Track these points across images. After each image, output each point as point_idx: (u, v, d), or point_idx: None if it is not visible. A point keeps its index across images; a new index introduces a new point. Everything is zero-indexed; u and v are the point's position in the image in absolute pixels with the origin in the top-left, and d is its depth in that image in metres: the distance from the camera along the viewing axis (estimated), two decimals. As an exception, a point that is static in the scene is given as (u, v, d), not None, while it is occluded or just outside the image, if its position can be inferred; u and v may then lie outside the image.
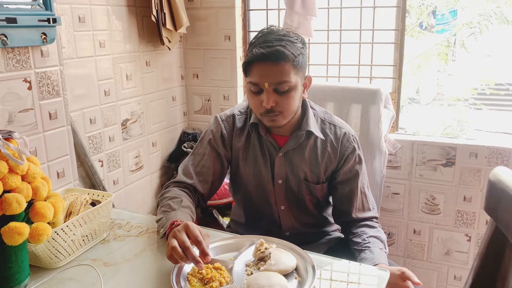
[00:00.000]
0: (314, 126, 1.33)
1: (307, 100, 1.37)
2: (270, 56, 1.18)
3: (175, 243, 0.98)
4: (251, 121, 1.35)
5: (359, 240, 1.30)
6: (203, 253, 0.98)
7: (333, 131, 1.36)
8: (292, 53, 1.19)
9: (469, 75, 4.73)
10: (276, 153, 1.34)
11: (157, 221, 1.21)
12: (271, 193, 1.38)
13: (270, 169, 1.36)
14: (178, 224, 1.06)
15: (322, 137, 1.34)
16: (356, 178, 1.36)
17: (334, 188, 1.39)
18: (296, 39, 1.24)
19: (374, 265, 1.17)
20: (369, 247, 1.26)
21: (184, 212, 1.18)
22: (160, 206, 1.25)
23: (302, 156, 1.34)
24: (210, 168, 1.36)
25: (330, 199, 1.47)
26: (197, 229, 1.02)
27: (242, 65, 1.28)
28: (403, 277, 1.14)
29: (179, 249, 0.97)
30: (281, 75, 1.19)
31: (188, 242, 0.98)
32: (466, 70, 4.81)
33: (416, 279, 1.13)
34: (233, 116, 1.40)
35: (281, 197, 1.38)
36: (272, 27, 1.26)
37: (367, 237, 1.29)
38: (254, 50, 1.21)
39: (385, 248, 1.29)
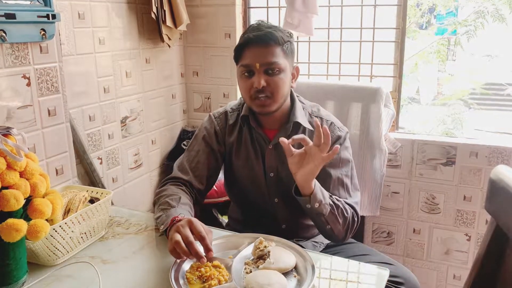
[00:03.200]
0: (302, 118, 1.36)
1: (295, 94, 1.41)
2: (262, 38, 1.26)
3: (178, 237, 0.99)
4: (242, 114, 1.39)
5: None
6: (206, 249, 0.99)
7: (320, 123, 1.37)
8: (282, 37, 1.27)
9: (466, 75, 4.72)
10: (266, 146, 1.37)
11: (156, 219, 1.21)
12: (264, 186, 1.39)
13: (261, 162, 1.38)
14: (179, 220, 1.06)
15: (310, 128, 1.37)
16: (333, 162, 1.33)
17: None
18: (284, 30, 1.32)
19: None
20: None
21: (183, 209, 1.19)
22: (158, 204, 1.25)
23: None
24: (204, 164, 1.38)
25: None
26: (200, 224, 1.03)
27: (234, 51, 1.33)
28: (307, 146, 1.15)
29: (183, 244, 0.98)
30: (272, 56, 1.26)
31: (191, 237, 0.99)
32: (463, 69, 4.80)
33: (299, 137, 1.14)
34: (226, 113, 1.45)
35: (274, 190, 1.40)
36: (260, 21, 1.34)
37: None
38: (245, 35, 1.29)
39: (333, 210, 1.23)
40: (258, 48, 1.26)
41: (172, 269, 1.00)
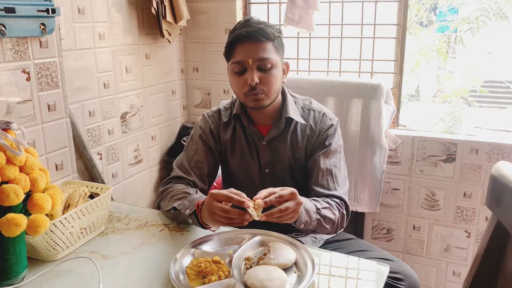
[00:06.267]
0: (294, 112, 1.37)
1: (286, 89, 1.41)
2: (253, 34, 1.26)
3: (216, 216, 1.05)
4: (233, 112, 1.39)
5: None
6: (240, 203, 1.04)
7: (312, 115, 1.40)
8: (273, 32, 1.28)
9: (467, 72, 4.72)
10: (260, 143, 1.38)
11: (176, 208, 1.21)
12: (259, 183, 1.40)
13: (256, 159, 1.39)
14: (203, 202, 1.11)
15: (303, 122, 1.38)
16: (322, 149, 1.35)
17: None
18: (273, 26, 1.33)
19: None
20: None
21: (202, 196, 1.24)
22: (172, 196, 1.26)
23: (285, 143, 1.37)
24: (204, 162, 1.39)
25: None
26: (220, 191, 1.07)
27: (225, 48, 1.33)
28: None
29: (226, 218, 1.04)
30: (264, 52, 1.26)
31: (224, 207, 1.04)
32: (464, 66, 4.80)
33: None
34: (219, 111, 1.46)
35: (269, 187, 1.38)
36: (249, 17, 1.34)
37: None
38: (236, 32, 1.29)
39: (320, 222, 1.22)
40: (250, 44, 1.26)
41: (172, 264, 1.00)
